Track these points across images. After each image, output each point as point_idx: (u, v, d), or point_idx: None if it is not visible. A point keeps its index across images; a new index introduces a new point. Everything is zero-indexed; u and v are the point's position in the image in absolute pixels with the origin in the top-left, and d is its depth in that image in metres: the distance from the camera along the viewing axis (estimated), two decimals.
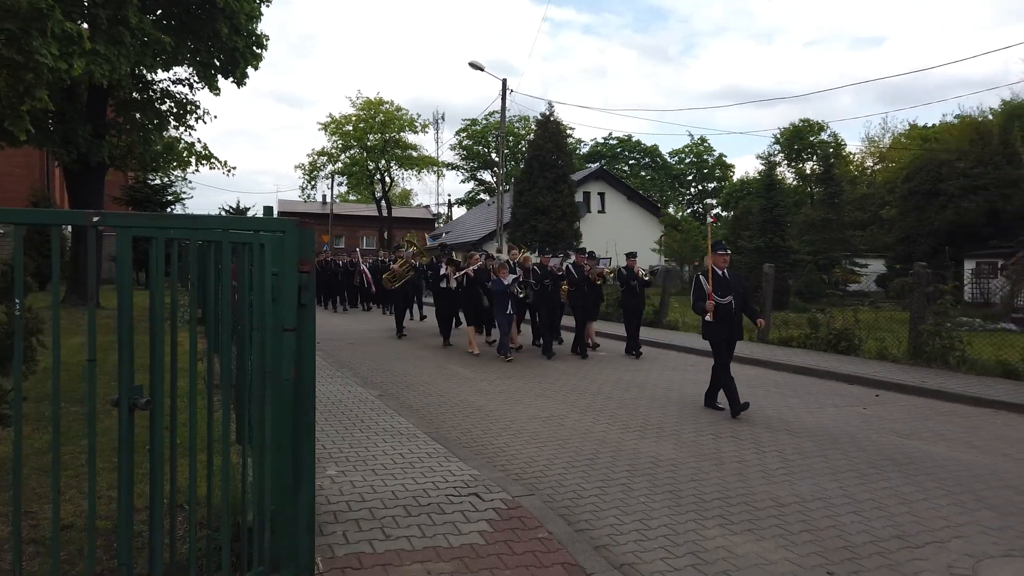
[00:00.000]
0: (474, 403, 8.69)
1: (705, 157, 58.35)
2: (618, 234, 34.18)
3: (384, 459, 5.86)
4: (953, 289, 12.74)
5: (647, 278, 13.54)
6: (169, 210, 32.39)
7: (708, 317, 7.97)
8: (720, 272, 8.10)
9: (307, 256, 2.76)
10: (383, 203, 52.91)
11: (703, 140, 58.03)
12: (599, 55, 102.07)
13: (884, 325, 13.34)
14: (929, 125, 46.88)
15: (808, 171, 47.62)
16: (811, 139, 49.36)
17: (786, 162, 49.31)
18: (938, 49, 79.28)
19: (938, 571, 4.06)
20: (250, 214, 46.68)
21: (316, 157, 50.77)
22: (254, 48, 18.24)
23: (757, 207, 28.48)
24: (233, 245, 2.91)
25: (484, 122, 58.69)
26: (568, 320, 14.16)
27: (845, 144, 50.17)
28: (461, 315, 15.49)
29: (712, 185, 58.66)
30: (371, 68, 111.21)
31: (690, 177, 59.13)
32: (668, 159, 58.81)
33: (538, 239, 25.75)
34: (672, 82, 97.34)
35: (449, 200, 64.80)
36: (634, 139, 58.38)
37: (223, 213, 46.01)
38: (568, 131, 31.96)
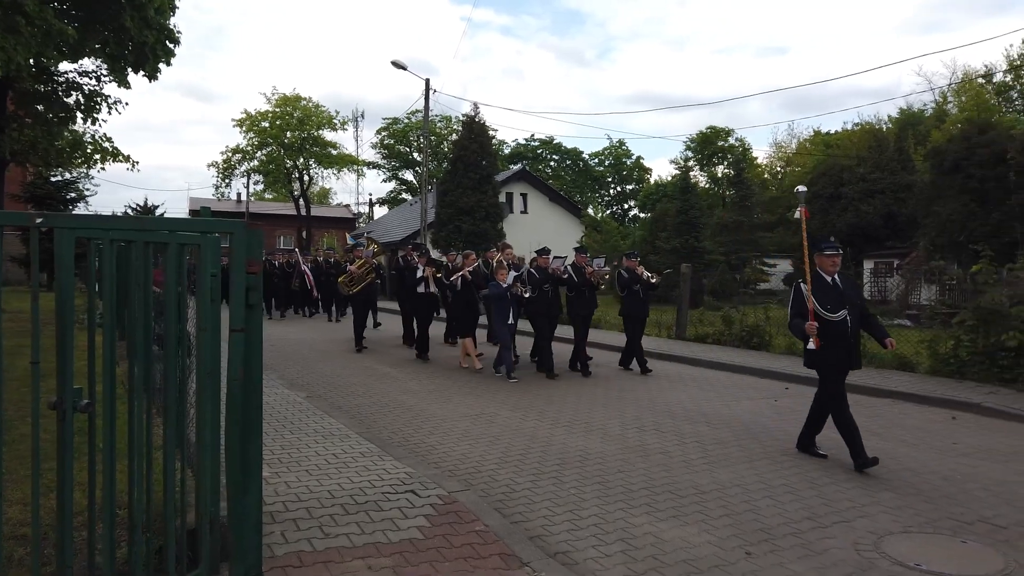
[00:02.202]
0: (404, 402, 8.73)
1: (624, 160, 59.72)
2: (540, 234, 34.50)
3: (317, 460, 5.86)
4: None
5: (653, 280, 11.44)
6: (72, 208, 30.87)
7: (811, 344, 6.08)
8: (828, 279, 6.15)
9: (255, 257, 2.81)
10: (302, 202, 51.79)
11: (621, 143, 59.46)
12: (517, 57, 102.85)
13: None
14: (831, 132, 49.45)
15: (720, 175, 49.46)
16: (721, 144, 51.24)
17: (699, 166, 51.02)
18: (838, 59, 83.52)
19: (845, 547, 4.40)
20: (159, 212, 44.76)
21: (231, 155, 49.24)
22: (166, 43, 17.63)
23: (673, 209, 29.47)
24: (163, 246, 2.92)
25: (406, 121, 58.25)
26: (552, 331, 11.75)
27: (751, 149, 52.33)
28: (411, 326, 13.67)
29: (631, 187, 60.12)
30: (286, 63, 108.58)
31: (609, 179, 60.43)
32: (588, 161, 59.92)
33: (462, 240, 25.85)
34: (589, 85, 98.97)
35: (371, 199, 64.07)
36: (555, 141, 59.29)
37: (129, 211, 44.05)
38: (492, 132, 32.14)
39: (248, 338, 2.85)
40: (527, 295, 10.34)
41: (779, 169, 50.27)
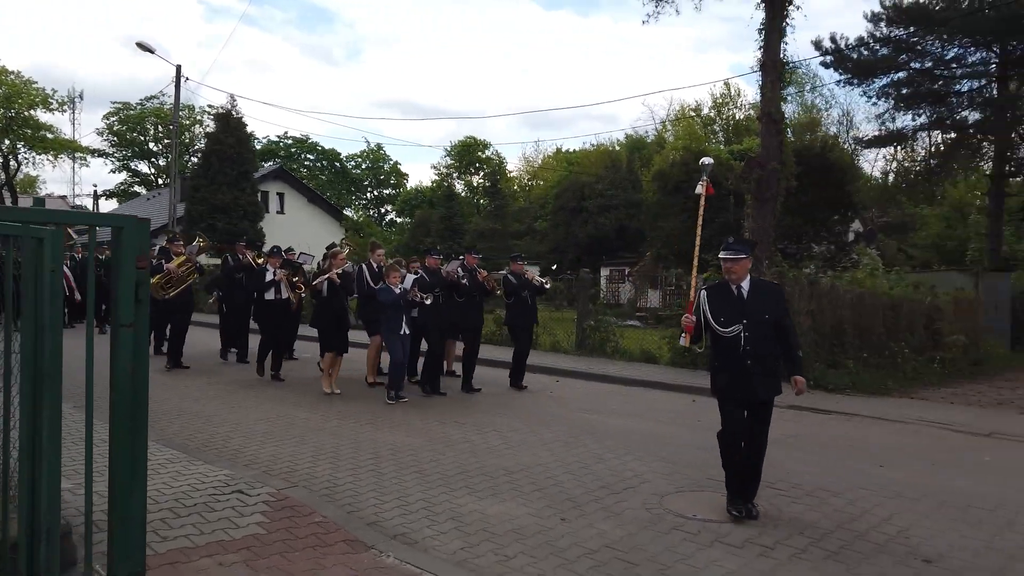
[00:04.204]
0: (190, 409, 8.32)
1: (381, 164, 59.88)
2: (299, 236, 33.51)
3: None
4: (596, 292, 15.38)
5: (547, 285, 10.65)
6: None
7: (682, 340, 5.28)
8: (733, 287, 5.01)
9: (143, 252, 2.80)
10: (4, 192, 44.84)
11: (380, 147, 59.58)
12: (261, 48, 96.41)
13: (554, 323, 15.50)
14: (572, 150, 54.06)
15: (475, 183, 51.79)
16: (479, 154, 53.73)
17: (457, 174, 53.01)
18: (574, 84, 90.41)
19: (637, 507, 5.23)
20: None
21: None
22: None
23: (437, 215, 30.38)
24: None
25: (140, 107, 53.16)
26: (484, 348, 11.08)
27: (505, 161, 55.50)
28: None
29: (388, 191, 60.47)
30: None
31: (367, 182, 60.20)
32: (346, 163, 59.14)
33: (217, 239, 24.40)
34: (339, 85, 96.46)
35: (95, 191, 57.13)
36: (311, 140, 57.63)
37: None
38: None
39: (136, 334, 2.83)
40: (427, 301, 9.06)
41: (528, 182, 53.85)
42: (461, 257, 10.39)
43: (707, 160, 5.88)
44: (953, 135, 24.19)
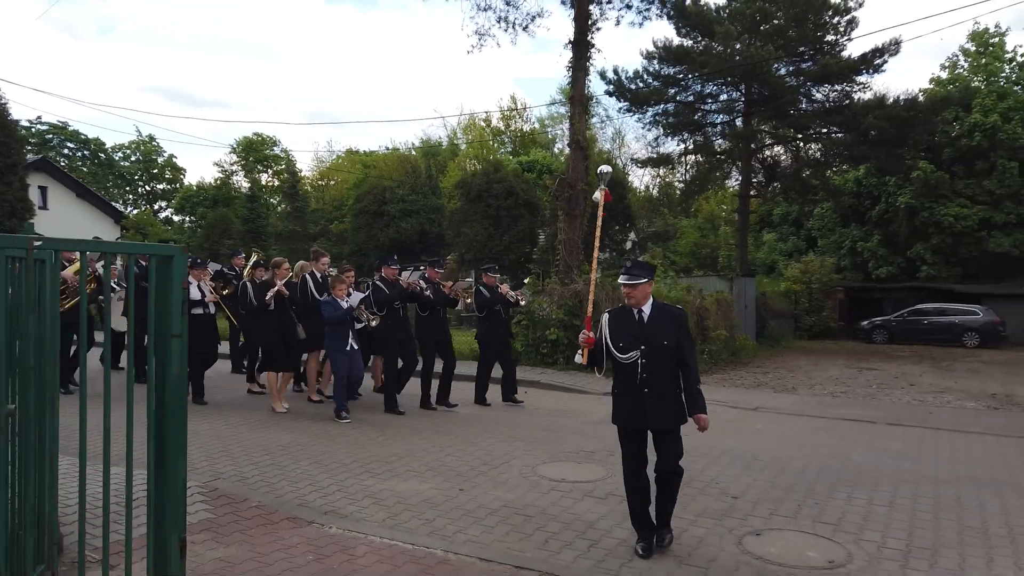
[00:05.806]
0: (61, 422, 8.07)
1: (154, 157, 55.50)
2: (69, 235, 30.64)
3: None
4: None
5: (522, 302, 10.27)
6: None
7: (578, 357, 5.01)
8: (635, 311, 4.73)
9: (185, 276, 3.40)
10: None
11: (152, 138, 55.13)
12: None
13: None
14: (368, 152, 54.10)
15: (264, 182, 50.02)
16: (266, 152, 51.96)
17: (244, 171, 50.86)
18: (357, 74, 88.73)
19: (516, 477, 6.35)
20: None
21: None
22: None
23: (240, 216, 29.29)
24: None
25: None
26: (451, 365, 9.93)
27: (296, 160, 54.21)
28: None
29: (163, 186, 56.21)
30: None
31: (137, 176, 55.46)
32: (112, 154, 53.99)
33: None
34: (90, 65, 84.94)
35: None
36: (71, 127, 51.86)
37: None
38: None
39: (182, 343, 3.42)
40: (374, 323, 8.87)
41: (320, 182, 52.99)
42: (422, 269, 9.51)
43: (606, 168, 6.10)
44: (708, 159, 28.24)
